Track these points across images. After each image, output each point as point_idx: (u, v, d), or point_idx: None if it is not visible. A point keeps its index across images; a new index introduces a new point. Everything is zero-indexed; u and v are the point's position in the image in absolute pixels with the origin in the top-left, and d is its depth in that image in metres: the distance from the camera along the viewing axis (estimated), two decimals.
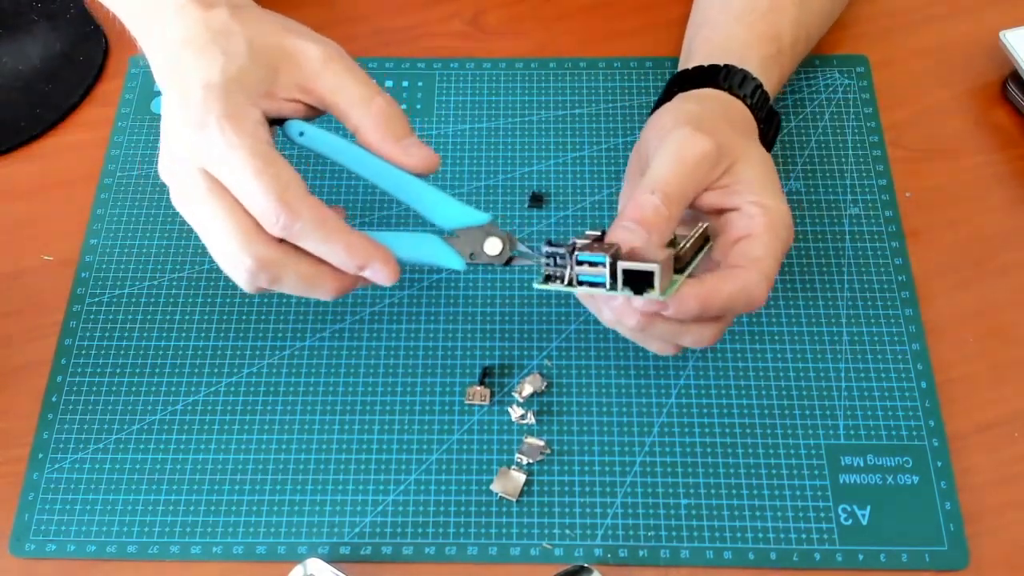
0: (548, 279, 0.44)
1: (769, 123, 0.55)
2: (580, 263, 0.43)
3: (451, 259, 0.47)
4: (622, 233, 0.44)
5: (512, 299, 0.57)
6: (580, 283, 0.43)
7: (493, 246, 0.46)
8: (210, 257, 0.58)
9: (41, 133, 0.64)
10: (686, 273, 0.45)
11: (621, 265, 0.42)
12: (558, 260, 0.43)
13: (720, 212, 0.48)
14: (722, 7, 0.58)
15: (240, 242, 0.44)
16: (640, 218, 0.44)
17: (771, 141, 0.55)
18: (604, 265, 0.42)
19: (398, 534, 0.51)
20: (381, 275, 0.45)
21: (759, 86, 0.53)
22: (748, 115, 0.52)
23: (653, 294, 0.42)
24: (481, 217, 0.47)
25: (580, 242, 0.43)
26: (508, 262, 0.47)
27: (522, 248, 0.47)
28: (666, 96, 0.55)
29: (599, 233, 0.45)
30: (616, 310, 0.46)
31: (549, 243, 0.44)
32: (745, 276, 0.45)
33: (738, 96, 0.52)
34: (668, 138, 0.47)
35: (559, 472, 0.52)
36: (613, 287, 0.43)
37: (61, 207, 0.61)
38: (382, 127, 0.47)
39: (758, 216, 0.47)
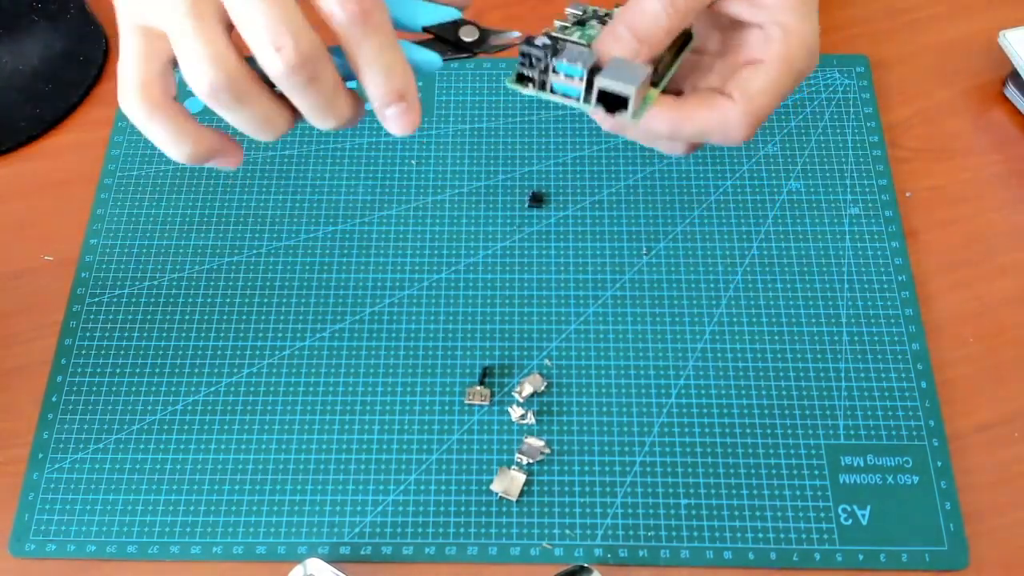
0: (521, 79, 0.42)
1: None
2: (556, 72, 0.41)
3: (428, 56, 0.43)
4: (611, 42, 0.41)
5: (512, 299, 0.57)
6: (553, 91, 0.41)
7: (469, 32, 0.43)
8: (210, 257, 0.59)
9: (41, 133, 0.64)
10: (661, 86, 0.42)
11: (598, 83, 0.40)
12: (533, 61, 0.41)
13: (740, 25, 0.43)
14: None
15: (214, 53, 0.36)
16: (636, 26, 0.41)
17: None
18: (581, 79, 0.40)
19: (398, 534, 0.51)
20: (405, 120, 0.40)
21: None
22: None
23: (625, 115, 0.40)
24: (453, 12, 0.43)
25: (561, 40, 0.41)
26: (481, 44, 0.43)
27: (498, 36, 0.43)
28: None
29: (580, 14, 0.42)
30: (593, 115, 0.43)
31: (528, 41, 0.41)
32: (728, 110, 0.42)
33: None
34: None
35: (559, 472, 0.52)
36: (587, 100, 0.41)
37: (61, 207, 0.61)
38: None
39: (776, 42, 0.42)
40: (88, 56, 0.67)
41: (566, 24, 0.44)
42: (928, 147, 0.63)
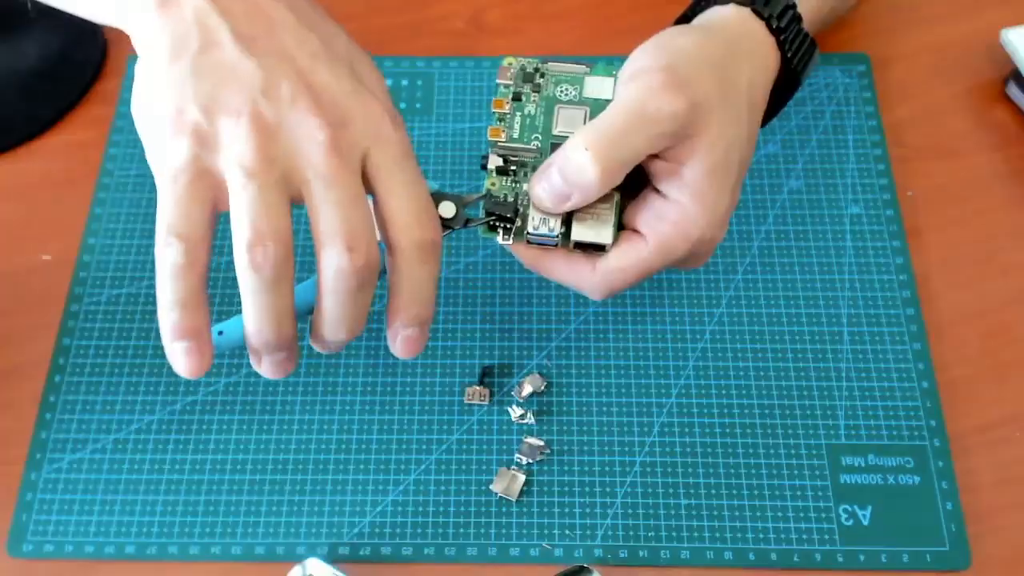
0: (492, 228, 0.45)
1: (799, 59, 0.46)
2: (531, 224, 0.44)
3: None
4: (543, 183, 0.42)
5: (512, 299, 0.57)
6: (529, 241, 0.44)
7: (447, 209, 0.44)
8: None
9: (39, 133, 0.64)
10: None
11: (575, 236, 0.43)
12: (506, 216, 0.44)
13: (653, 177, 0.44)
14: None
15: (369, 241, 0.37)
16: (567, 174, 0.41)
17: (796, 82, 0.47)
18: (556, 234, 0.43)
19: (397, 534, 0.50)
20: (413, 347, 0.41)
21: (791, 5, 0.45)
22: (765, 52, 0.45)
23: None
24: (430, 184, 0.44)
25: (532, 217, 0.43)
26: (466, 224, 0.44)
27: (472, 206, 0.45)
28: (692, 11, 0.49)
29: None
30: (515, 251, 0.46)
31: (491, 199, 0.44)
32: (584, 276, 0.44)
33: (761, 17, 0.44)
34: (633, 83, 0.41)
35: (559, 472, 0.52)
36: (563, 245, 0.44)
37: (60, 207, 0.61)
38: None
39: (665, 222, 0.42)
40: (87, 56, 0.66)
41: (507, 84, 0.47)
42: (929, 146, 0.62)
